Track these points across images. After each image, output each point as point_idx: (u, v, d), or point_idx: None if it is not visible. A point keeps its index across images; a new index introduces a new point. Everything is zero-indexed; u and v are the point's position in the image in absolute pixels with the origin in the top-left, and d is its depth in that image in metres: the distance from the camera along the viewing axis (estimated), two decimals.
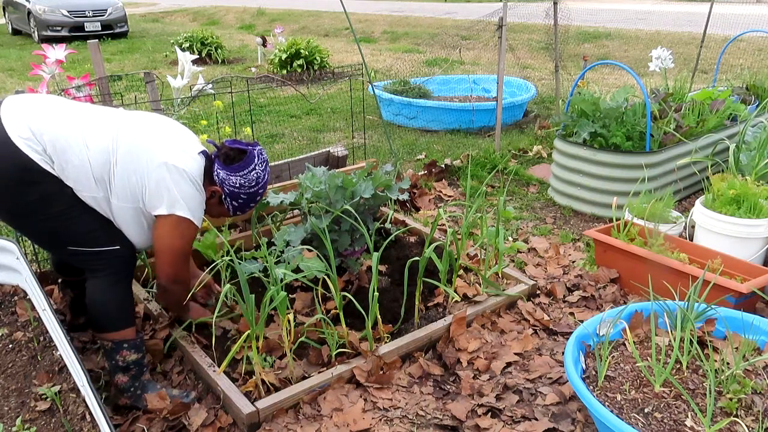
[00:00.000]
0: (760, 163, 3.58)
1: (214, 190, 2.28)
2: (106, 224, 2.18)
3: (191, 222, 2.18)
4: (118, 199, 2.13)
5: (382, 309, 2.69)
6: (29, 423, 2.06)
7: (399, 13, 15.92)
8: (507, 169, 4.78)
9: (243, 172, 2.25)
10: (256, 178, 2.29)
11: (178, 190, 2.12)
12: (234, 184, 2.26)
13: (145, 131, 2.18)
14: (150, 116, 2.32)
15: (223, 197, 2.30)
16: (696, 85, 5.81)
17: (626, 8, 14.98)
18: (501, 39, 4.75)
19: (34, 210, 2.06)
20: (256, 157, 2.28)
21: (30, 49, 11.47)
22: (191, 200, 2.16)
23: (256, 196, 2.35)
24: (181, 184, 2.13)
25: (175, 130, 2.28)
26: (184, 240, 2.23)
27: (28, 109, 2.06)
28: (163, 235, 2.18)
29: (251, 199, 2.34)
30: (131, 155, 2.10)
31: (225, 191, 2.28)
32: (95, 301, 2.21)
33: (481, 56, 8.62)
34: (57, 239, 2.16)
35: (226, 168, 2.24)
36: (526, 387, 2.41)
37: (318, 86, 7.82)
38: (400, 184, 3.21)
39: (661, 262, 2.89)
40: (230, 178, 2.25)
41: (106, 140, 2.09)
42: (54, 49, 3.18)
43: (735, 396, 2.02)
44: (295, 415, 2.23)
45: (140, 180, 2.11)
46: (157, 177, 2.11)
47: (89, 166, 2.06)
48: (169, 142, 2.18)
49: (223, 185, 2.26)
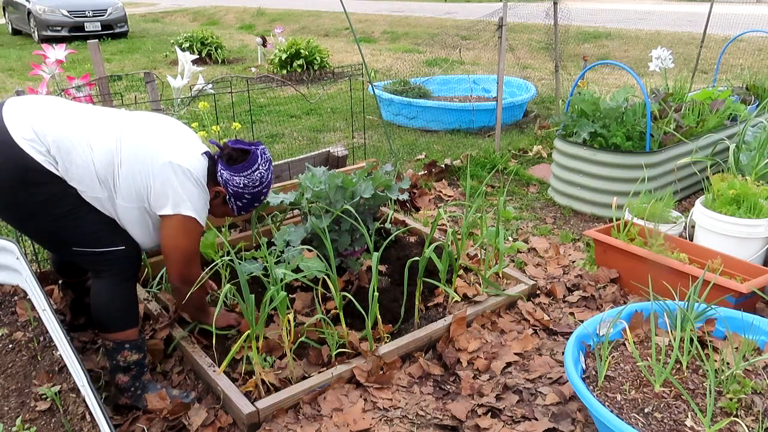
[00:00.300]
0: (760, 163, 3.58)
1: (218, 191, 2.29)
2: (111, 225, 2.18)
3: (196, 221, 2.18)
4: (123, 199, 2.13)
5: (382, 309, 2.69)
6: (29, 423, 2.06)
7: (399, 13, 15.92)
8: (507, 169, 4.78)
9: (246, 172, 2.25)
10: (260, 178, 2.29)
11: (183, 189, 2.13)
12: (238, 184, 2.26)
13: (149, 132, 2.18)
14: (153, 116, 2.32)
15: (227, 197, 2.31)
16: (696, 85, 5.81)
17: (626, 8, 14.98)
18: (501, 39, 4.75)
19: (39, 211, 2.06)
20: (259, 157, 2.29)
21: (30, 49, 11.47)
22: (196, 200, 2.17)
23: (260, 196, 2.35)
24: (186, 184, 2.14)
25: (179, 130, 2.28)
26: (191, 239, 2.23)
27: (31, 110, 2.06)
28: (170, 235, 2.19)
29: (255, 198, 2.34)
30: (136, 156, 2.11)
31: (229, 191, 2.28)
32: (99, 302, 2.21)
33: (481, 56, 8.62)
34: (62, 240, 2.16)
35: (230, 168, 2.25)
36: (526, 387, 2.41)
37: (318, 86, 7.82)
38: (400, 184, 3.21)
39: (661, 262, 2.89)
40: (234, 178, 2.25)
41: (110, 141, 2.09)
42: (54, 49, 3.18)
43: (735, 396, 2.02)
44: (295, 415, 2.23)
45: (145, 180, 2.11)
46: (162, 177, 2.11)
47: (93, 167, 2.06)
48: (173, 142, 2.18)
49: (227, 185, 2.27)
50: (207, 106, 3.56)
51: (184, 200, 2.13)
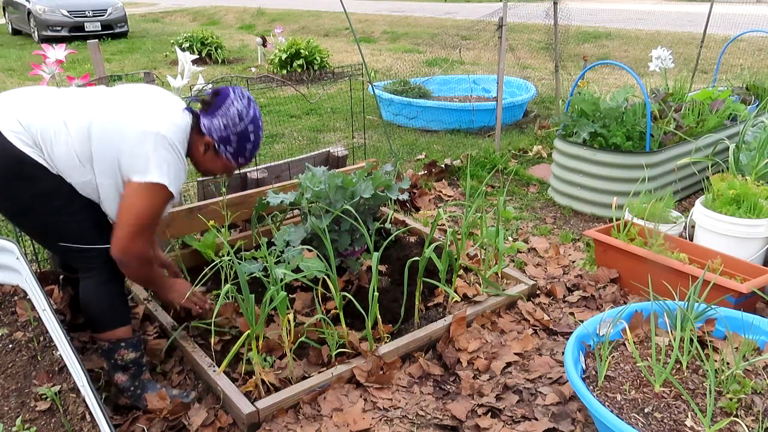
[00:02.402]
0: (760, 163, 3.58)
1: (206, 142, 2.20)
2: (101, 223, 2.17)
3: (165, 188, 2.06)
4: (101, 176, 2.08)
5: (382, 309, 2.69)
6: (29, 423, 2.06)
7: (399, 13, 15.92)
8: (507, 169, 4.78)
9: (221, 110, 2.15)
10: (239, 114, 2.17)
11: (155, 156, 2.04)
12: (219, 126, 2.16)
13: (121, 103, 2.12)
14: (130, 87, 2.24)
15: (216, 146, 2.20)
16: (696, 85, 5.82)
17: (626, 8, 14.98)
18: (501, 39, 4.75)
19: (33, 205, 2.05)
20: (231, 93, 2.18)
21: (30, 49, 11.47)
22: (167, 166, 2.06)
23: (247, 135, 2.21)
24: (159, 150, 2.05)
25: (155, 96, 2.20)
26: (153, 207, 2.09)
27: (17, 103, 2.05)
28: (130, 195, 2.07)
29: (243, 138, 2.20)
30: (107, 128, 2.04)
31: (215, 138, 2.18)
32: (89, 301, 2.21)
33: (481, 56, 8.63)
34: (53, 234, 2.14)
35: (206, 113, 2.16)
36: (526, 387, 2.41)
37: (318, 86, 7.82)
38: (400, 184, 3.21)
39: (661, 262, 2.89)
40: (213, 121, 2.15)
41: (84, 119, 2.05)
42: (54, 49, 3.17)
43: (735, 396, 2.02)
44: (295, 415, 2.23)
45: (117, 152, 2.04)
46: (132, 144, 2.03)
47: (72, 148, 2.02)
48: (146, 109, 2.11)
49: (210, 133, 2.17)
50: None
51: (154, 166, 2.03)
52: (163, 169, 2.05)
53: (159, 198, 2.08)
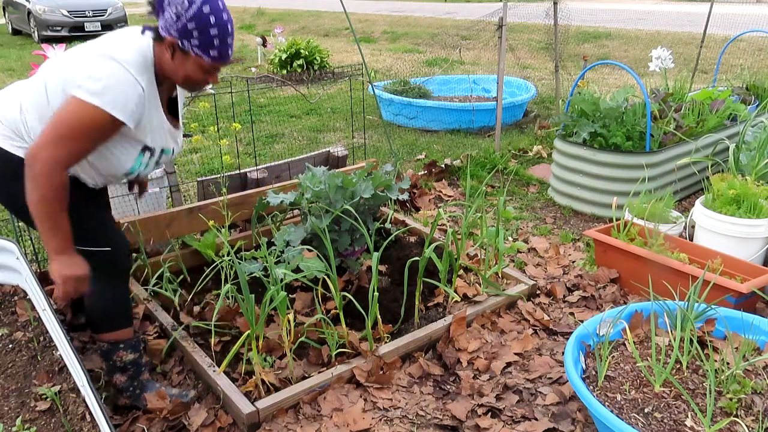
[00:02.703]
0: (760, 163, 3.59)
1: (169, 43, 1.99)
2: (104, 224, 2.17)
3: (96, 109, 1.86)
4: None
5: (382, 309, 2.69)
6: (29, 423, 2.07)
7: (399, 13, 15.92)
8: (507, 169, 4.78)
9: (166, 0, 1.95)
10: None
11: (94, 73, 1.88)
12: (170, 18, 1.95)
13: (69, 56, 2.03)
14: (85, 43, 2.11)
15: (180, 45, 1.98)
16: (696, 85, 5.82)
17: (626, 8, 14.99)
18: (501, 39, 4.75)
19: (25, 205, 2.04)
20: None
21: (30, 49, 11.47)
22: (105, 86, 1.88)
23: (205, 18, 1.94)
24: (101, 68, 1.89)
25: (109, 36, 2.07)
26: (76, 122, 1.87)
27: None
28: (61, 107, 1.90)
29: (202, 23, 1.94)
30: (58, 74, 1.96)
31: (174, 35, 1.97)
32: (91, 302, 2.21)
33: (481, 56, 8.63)
34: None
35: (157, 14, 1.98)
36: (526, 387, 2.41)
37: (318, 86, 7.82)
38: (400, 184, 3.21)
39: (661, 262, 2.89)
40: (165, 17, 1.96)
41: (37, 93, 2.00)
42: (54, 49, 3.17)
43: (735, 396, 2.02)
44: (295, 415, 2.23)
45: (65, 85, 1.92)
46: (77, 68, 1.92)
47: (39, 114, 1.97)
48: (95, 43, 2.02)
49: (168, 31, 1.97)
50: (207, 106, 3.56)
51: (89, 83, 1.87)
52: (96, 89, 1.87)
53: (86, 116, 1.88)
